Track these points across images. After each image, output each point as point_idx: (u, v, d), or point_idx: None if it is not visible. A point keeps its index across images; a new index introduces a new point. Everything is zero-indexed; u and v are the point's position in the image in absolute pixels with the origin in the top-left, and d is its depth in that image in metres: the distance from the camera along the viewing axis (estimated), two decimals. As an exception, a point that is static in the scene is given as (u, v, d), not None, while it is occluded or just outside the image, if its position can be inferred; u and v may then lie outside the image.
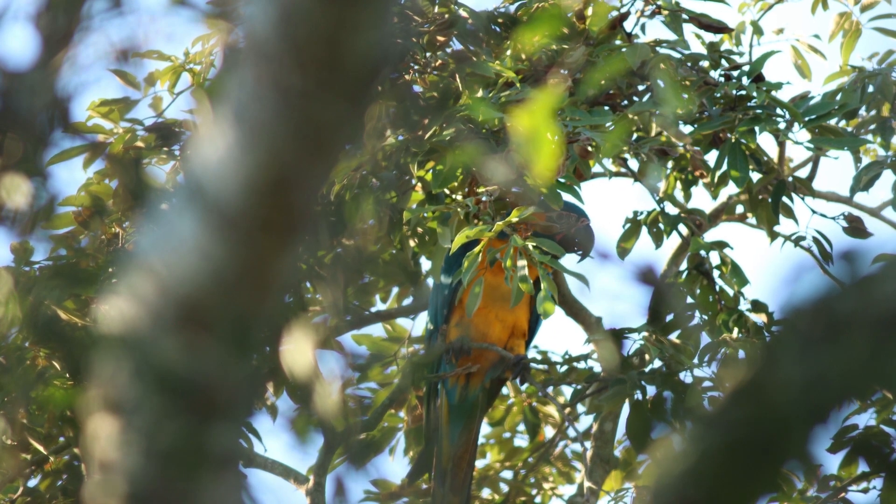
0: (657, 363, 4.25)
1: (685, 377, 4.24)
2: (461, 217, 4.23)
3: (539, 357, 5.13)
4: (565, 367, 5.08)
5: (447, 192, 4.39)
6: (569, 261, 4.23)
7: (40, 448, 4.34)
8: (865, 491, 4.40)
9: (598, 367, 4.98)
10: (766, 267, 4.85)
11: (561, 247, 4.15)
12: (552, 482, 5.38)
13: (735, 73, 4.44)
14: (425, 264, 4.67)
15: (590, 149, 4.15)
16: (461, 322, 4.37)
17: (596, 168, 4.70)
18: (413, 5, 4.18)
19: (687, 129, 4.38)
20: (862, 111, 4.65)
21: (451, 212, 4.22)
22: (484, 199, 4.18)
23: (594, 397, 4.79)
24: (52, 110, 2.13)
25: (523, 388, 5.26)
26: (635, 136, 4.43)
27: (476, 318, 4.35)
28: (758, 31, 4.82)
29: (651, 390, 4.22)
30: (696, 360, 4.26)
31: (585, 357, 5.05)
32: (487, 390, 4.51)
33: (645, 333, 4.30)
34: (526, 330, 4.42)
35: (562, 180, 4.12)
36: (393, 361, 5.03)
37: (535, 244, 4.05)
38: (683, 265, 4.68)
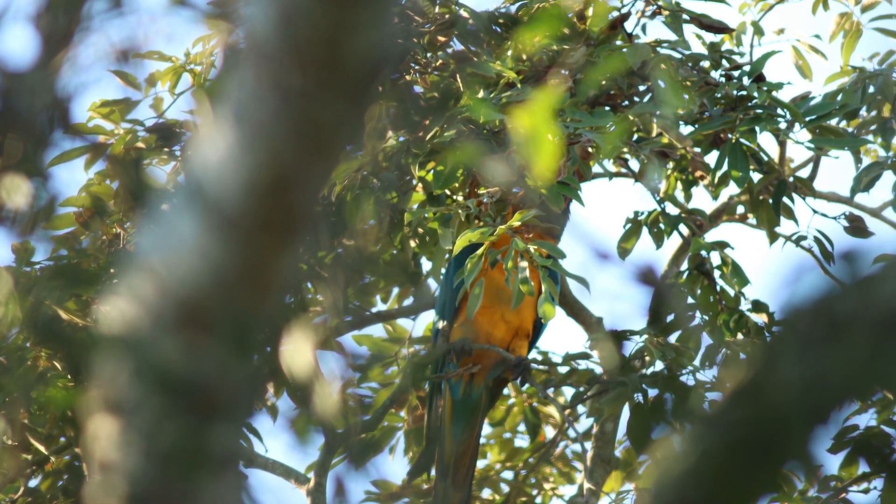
0: (658, 365, 4.24)
1: (686, 379, 4.24)
2: (462, 218, 4.23)
3: (540, 358, 5.13)
4: (566, 369, 5.08)
5: (448, 193, 4.39)
6: (569, 263, 4.23)
7: (41, 448, 4.34)
8: (866, 491, 4.40)
9: (598, 369, 4.97)
10: (767, 267, 4.85)
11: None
12: (553, 482, 5.38)
13: (736, 74, 4.44)
14: (426, 265, 4.67)
15: (590, 150, 4.15)
16: (465, 323, 4.37)
17: (596, 169, 4.70)
18: (413, 5, 4.18)
19: (687, 129, 4.38)
20: (863, 112, 4.65)
21: (453, 213, 4.22)
22: (485, 200, 4.18)
23: (595, 400, 4.79)
24: (52, 111, 2.12)
25: (524, 388, 5.26)
26: (636, 136, 4.43)
27: (480, 318, 4.35)
28: (758, 31, 4.82)
29: (652, 392, 4.21)
30: (697, 363, 4.25)
31: (587, 356, 5.04)
32: (490, 389, 4.52)
33: (646, 335, 4.30)
34: (530, 331, 4.42)
35: (563, 181, 4.12)
36: (393, 362, 5.03)
37: (536, 246, 4.05)
38: (684, 265, 4.68)
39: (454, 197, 4.41)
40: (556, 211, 4.18)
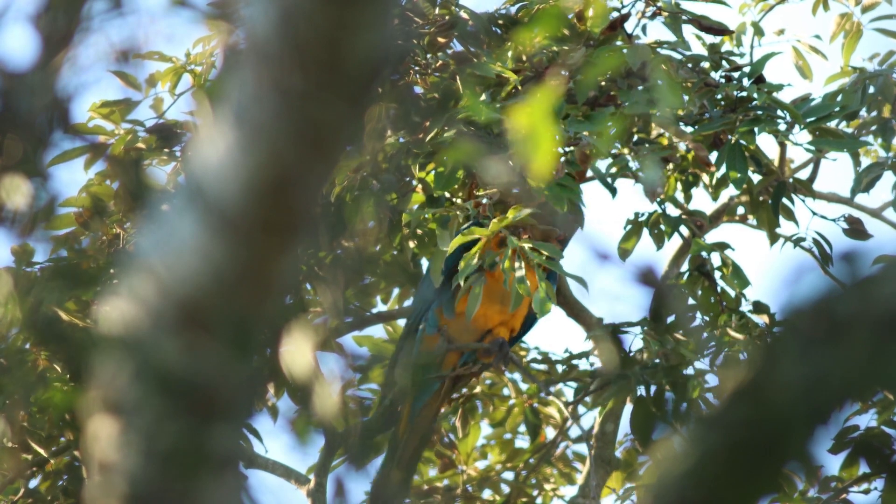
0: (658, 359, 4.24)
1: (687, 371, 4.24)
2: (461, 220, 4.23)
3: (539, 357, 5.13)
4: (565, 368, 5.08)
5: (447, 195, 4.38)
6: (568, 263, 4.23)
7: (40, 450, 4.34)
8: (867, 492, 4.40)
9: (599, 367, 4.98)
10: (768, 268, 4.85)
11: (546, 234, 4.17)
12: (553, 483, 5.38)
13: (736, 75, 4.44)
14: (425, 266, 4.67)
15: (588, 152, 4.15)
16: (458, 322, 4.38)
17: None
18: (414, 7, 4.18)
19: (687, 130, 4.38)
20: (863, 112, 4.64)
21: (451, 215, 4.22)
22: (484, 201, 4.18)
23: (597, 395, 4.79)
24: (52, 111, 2.12)
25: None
26: (636, 137, 4.43)
27: (474, 317, 4.36)
28: (758, 32, 4.81)
29: (654, 385, 4.22)
30: (697, 364, 4.25)
31: (586, 354, 5.05)
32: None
33: (644, 328, 4.30)
34: (518, 327, 4.45)
35: (562, 183, 4.11)
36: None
37: (532, 246, 4.04)
38: (685, 266, 4.68)
39: (453, 199, 4.41)
40: (564, 213, 4.18)
